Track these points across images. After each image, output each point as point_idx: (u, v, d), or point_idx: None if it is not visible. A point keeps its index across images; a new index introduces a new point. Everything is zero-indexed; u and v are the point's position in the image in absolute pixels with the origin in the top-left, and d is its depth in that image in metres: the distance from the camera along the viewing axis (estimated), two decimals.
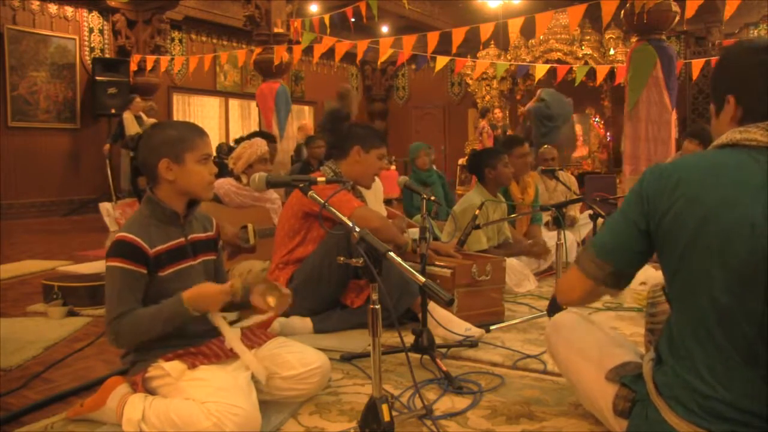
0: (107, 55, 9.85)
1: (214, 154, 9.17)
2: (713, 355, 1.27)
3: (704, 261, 1.26)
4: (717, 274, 1.24)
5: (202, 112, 11.90)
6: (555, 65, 8.90)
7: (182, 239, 1.87)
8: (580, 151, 12.00)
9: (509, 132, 10.92)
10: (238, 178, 3.85)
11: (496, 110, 11.73)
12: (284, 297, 1.79)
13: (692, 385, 1.29)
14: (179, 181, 1.83)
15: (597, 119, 11.94)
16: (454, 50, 6.89)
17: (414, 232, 3.33)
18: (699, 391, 1.28)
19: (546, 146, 5.44)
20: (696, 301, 1.29)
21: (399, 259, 1.54)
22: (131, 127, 7.86)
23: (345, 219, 1.70)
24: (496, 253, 3.65)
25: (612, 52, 10.83)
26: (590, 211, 3.37)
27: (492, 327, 2.82)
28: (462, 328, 2.64)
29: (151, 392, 1.78)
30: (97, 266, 4.16)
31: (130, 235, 1.76)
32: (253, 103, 11.77)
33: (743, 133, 1.29)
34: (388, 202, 6.21)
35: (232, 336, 1.83)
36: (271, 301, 1.77)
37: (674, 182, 1.31)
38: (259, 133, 6.39)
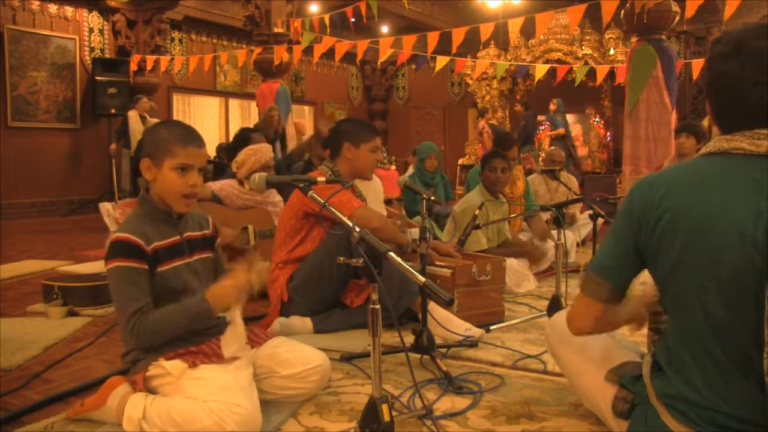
0: (107, 55, 9.84)
1: (214, 154, 9.16)
2: (709, 367, 1.26)
3: (696, 274, 1.25)
4: (710, 286, 1.23)
5: (202, 112, 11.89)
6: (555, 65, 8.93)
7: (177, 237, 1.87)
8: (580, 151, 12.01)
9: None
10: (241, 182, 3.84)
11: (498, 110, 11.78)
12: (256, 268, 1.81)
13: (690, 397, 1.29)
14: (157, 183, 1.84)
15: (597, 119, 11.95)
16: (454, 50, 6.90)
17: (414, 232, 3.33)
18: (697, 403, 1.28)
19: (553, 148, 5.44)
20: (690, 314, 1.28)
21: (399, 259, 1.54)
22: (135, 126, 7.87)
23: (345, 219, 1.70)
24: (495, 254, 3.65)
25: (612, 52, 10.83)
26: (590, 211, 3.37)
27: (492, 327, 2.83)
28: (462, 328, 2.64)
29: (152, 391, 1.78)
30: (97, 266, 4.16)
31: (126, 234, 1.76)
32: (253, 103, 11.76)
33: (730, 141, 1.27)
34: (388, 202, 6.19)
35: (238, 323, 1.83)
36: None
37: (661, 195, 1.29)
38: (245, 131, 6.39)
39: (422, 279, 1.49)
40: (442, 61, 7.72)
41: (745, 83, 1.24)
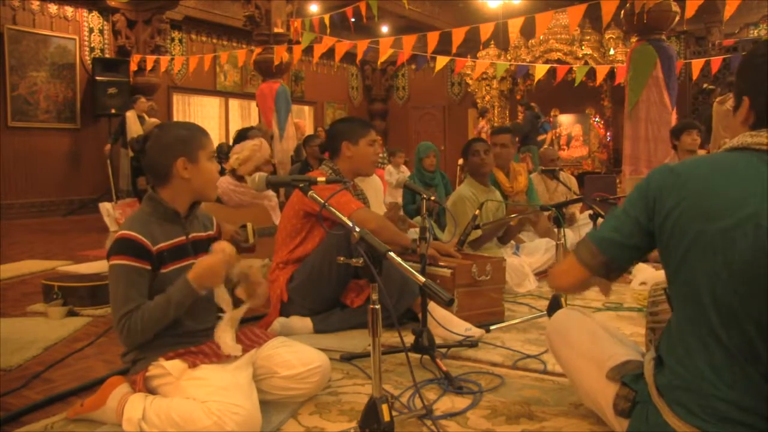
0: (107, 55, 9.85)
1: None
2: (715, 352, 1.27)
3: (707, 260, 1.26)
4: (720, 272, 1.24)
5: (202, 112, 11.89)
6: (555, 65, 8.93)
7: (183, 237, 1.88)
8: (580, 151, 12.02)
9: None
10: (240, 179, 3.84)
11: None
12: (252, 285, 1.84)
13: (693, 384, 1.29)
14: (194, 179, 1.85)
15: (597, 119, 11.95)
16: (454, 50, 6.90)
17: (414, 232, 3.33)
18: (700, 390, 1.28)
19: (548, 147, 5.44)
20: (698, 299, 1.29)
21: (399, 259, 1.54)
22: (133, 127, 7.88)
23: (345, 219, 1.69)
24: (492, 228, 3.65)
25: (612, 52, 10.84)
26: (590, 211, 3.37)
27: (492, 327, 2.82)
28: (462, 328, 2.64)
29: (152, 391, 1.78)
30: (97, 266, 4.16)
31: (132, 233, 1.76)
32: (253, 103, 11.77)
33: (754, 137, 1.30)
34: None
35: (229, 314, 1.86)
36: (241, 292, 1.85)
37: (682, 181, 1.32)
38: (244, 130, 6.44)
39: (422, 279, 1.49)
40: (442, 61, 7.72)
41: None
